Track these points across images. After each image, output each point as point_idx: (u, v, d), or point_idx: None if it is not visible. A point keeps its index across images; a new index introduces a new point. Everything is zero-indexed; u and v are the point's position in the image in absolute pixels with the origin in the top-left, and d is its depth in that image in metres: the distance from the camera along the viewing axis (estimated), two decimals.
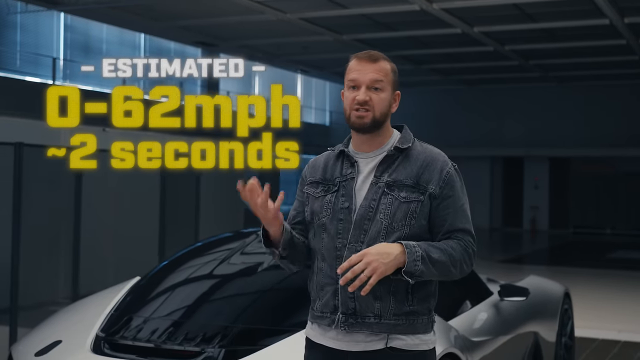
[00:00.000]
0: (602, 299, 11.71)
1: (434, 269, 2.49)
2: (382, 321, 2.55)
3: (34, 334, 4.04)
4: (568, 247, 21.80)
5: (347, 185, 2.64)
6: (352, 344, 2.58)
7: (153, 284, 4.31)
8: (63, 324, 4.10)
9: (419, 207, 2.57)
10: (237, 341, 3.54)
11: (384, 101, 2.62)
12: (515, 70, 23.36)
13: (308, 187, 2.74)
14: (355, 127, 2.63)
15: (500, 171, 28.28)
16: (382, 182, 2.60)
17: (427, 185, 2.58)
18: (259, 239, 4.63)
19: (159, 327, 3.73)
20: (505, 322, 4.99)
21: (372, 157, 2.66)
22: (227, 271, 4.30)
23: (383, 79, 2.62)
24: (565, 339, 6.21)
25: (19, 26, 17.22)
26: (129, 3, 15.74)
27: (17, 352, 3.83)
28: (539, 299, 5.74)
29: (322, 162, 2.76)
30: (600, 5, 14.54)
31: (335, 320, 2.58)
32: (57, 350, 3.73)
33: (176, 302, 4.05)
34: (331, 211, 2.63)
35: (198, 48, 21.71)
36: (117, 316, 3.93)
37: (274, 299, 4.05)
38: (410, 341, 2.58)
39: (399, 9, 15.25)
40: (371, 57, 2.64)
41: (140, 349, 3.60)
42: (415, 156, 2.64)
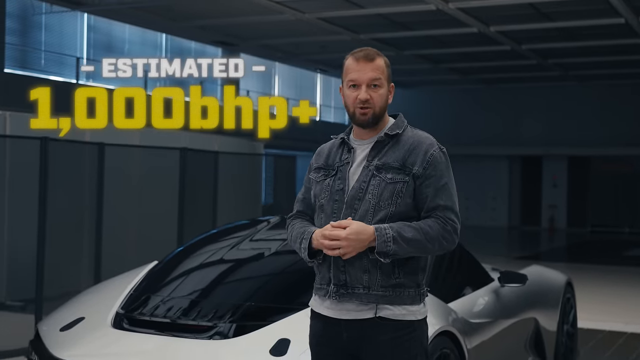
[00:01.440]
0: (613, 294, 11.88)
1: (409, 247, 2.75)
2: (370, 292, 2.80)
3: (58, 312, 4.34)
4: (585, 245, 21.90)
5: (343, 169, 2.91)
6: (344, 312, 2.84)
7: (169, 266, 4.60)
8: (86, 302, 4.40)
9: (404, 187, 2.82)
10: (247, 317, 3.82)
11: (382, 97, 2.89)
12: (535, 69, 23.48)
13: (313, 173, 3.02)
14: (358, 123, 2.90)
15: (518, 170, 28.40)
16: (372, 165, 2.87)
17: (412, 166, 2.84)
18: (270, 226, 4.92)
19: (175, 305, 4.01)
20: (505, 307, 5.22)
21: (368, 144, 2.92)
22: (239, 255, 4.57)
23: (381, 77, 2.88)
24: (568, 327, 6.41)
25: (43, 26, 17.62)
26: (150, 4, 16.09)
27: (43, 328, 4.13)
28: (539, 286, 5.95)
29: (327, 149, 3.04)
30: (615, 4, 14.67)
31: (329, 291, 2.85)
32: (80, 325, 4.03)
33: (191, 283, 4.33)
34: (328, 193, 2.90)
35: (218, 47, 22.05)
36: (136, 295, 4.22)
37: (282, 281, 4.32)
38: (397, 311, 2.82)
39: (415, 8, 15.49)
40: (368, 57, 2.89)
41: (157, 324, 3.89)
42: (404, 141, 2.90)
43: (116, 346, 3.80)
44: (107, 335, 3.90)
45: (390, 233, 2.73)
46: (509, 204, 28.13)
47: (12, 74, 16.36)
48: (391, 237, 2.72)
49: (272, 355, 3.50)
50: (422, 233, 2.77)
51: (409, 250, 2.75)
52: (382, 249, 2.71)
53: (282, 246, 4.54)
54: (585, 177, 27.28)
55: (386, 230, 2.73)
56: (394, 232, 2.73)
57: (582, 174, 27.31)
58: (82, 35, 18.71)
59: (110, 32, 19.55)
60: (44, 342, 3.94)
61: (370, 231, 2.72)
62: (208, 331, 3.74)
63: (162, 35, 20.89)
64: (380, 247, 2.71)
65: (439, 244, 2.80)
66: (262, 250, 4.60)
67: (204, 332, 3.75)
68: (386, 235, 2.72)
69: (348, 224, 2.71)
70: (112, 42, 19.64)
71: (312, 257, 2.85)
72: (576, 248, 21.22)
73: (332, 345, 2.88)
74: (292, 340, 3.55)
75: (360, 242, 2.70)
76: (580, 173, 27.32)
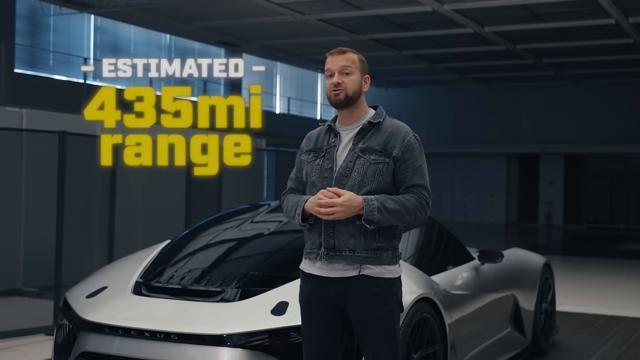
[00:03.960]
0: (601, 282, 12.40)
1: (390, 216, 3.30)
2: (355, 254, 3.35)
3: (83, 283, 4.88)
4: (580, 240, 22.41)
5: (330, 151, 3.46)
6: (332, 271, 3.38)
7: (180, 243, 5.16)
8: (108, 274, 4.95)
9: (385, 167, 3.37)
10: (251, 284, 4.37)
11: (354, 82, 3.43)
12: (530, 69, 23.97)
13: (304, 155, 3.56)
14: (333, 104, 3.46)
15: (516, 168, 28.89)
16: (357, 148, 3.42)
17: (392, 150, 3.39)
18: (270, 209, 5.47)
19: (187, 274, 4.57)
20: (484, 283, 5.75)
21: (351, 130, 3.47)
22: (243, 234, 5.13)
23: (351, 65, 3.44)
24: (546, 305, 6.94)
25: (52, 28, 18.16)
26: (155, 5, 16.63)
27: (71, 296, 4.66)
28: (518, 266, 6.51)
29: (315, 134, 3.60)
30: (604, 5, 15.17)
31: (320, 254, 3.39)
32: (104, 293, 4.57)
33: (200, 256, 4.89)
34: (319, 171, 3.45)
35: (221, 48, 22.59)
36: (153, 267, 4.77)
37: (281, 254, 4.87)
38: (378, 270, 3.37)
39: (411, 9, 16.01)
40: (340, 51, 3.49)
41: (172, 290, 4.45)
42: (384, 129, 3.45)
43: (136, 309, 4.35)
44: (128, 300, 4.45)
45: (376, 204, 3.27)
46: (506, 201, 28.61)
47: (22, 74, 16.92)
48: (376, 207, 3.26)
49: (273, 315, 4.04)
50: (402, 205, 3.31)
51: (390, 219, 3.30)
52: (369, 217, 3.25)
53: (281, 226, 5.12)
54: (580, 175, 27.79)
55: (372, 201, 3.27)
56: (379, 203, 3.27)
57: (578, 171, 27.82)
58: (88, 36, 19.25)
59: (116, 33, 20.08)
60: (72, 308, 4.48)
61: (359, 200, 3.25)
62: (216, 296, 4.29)
63: (166, 36, 21.44)
64: (367, 215, 3.24)
65: (414, 216, 3.35)
66: (264, 229, 5.16)
67: (213, 296, 4.29)
68: (372, 205, 3.26)
69: (343, 192, 3.25)
70: (118, 42, 20.17)
71: (305, 221, 3.38)
72: (570, 242, 21.73)
73: (321, 300, 3.42)
74: (290, 302, 4.09)
75: (351, 208, 3.23)
76: (575, 171, 27.83)
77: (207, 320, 4.09)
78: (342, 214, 3.24)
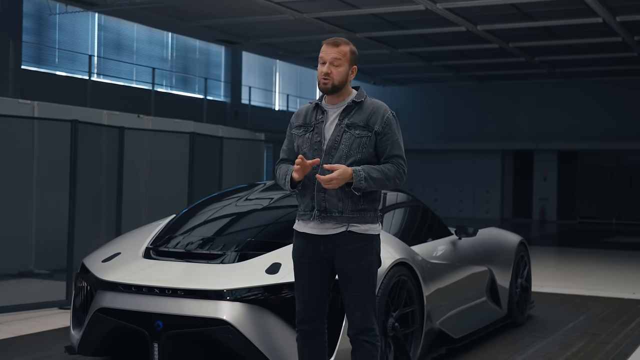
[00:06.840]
0: (584, 268, 12.95)
1: (374, 184, 3.89)
2: (343, 215, 3.93)
3: (99, 251, 5.46)
4: (572, 233, 22.95)
5: (319, 126, 4.03)
6: (323, 229, 3.96)
7: (185, 216, 5.76)
8: (121, 242, 5.53)
9: (368, 140, 3.95)
10: (248, 249, 4.96)
11: (341, 73, 3.99)
12: (523, 66, 24.46)
13: (295, 130, 4.12)
14: (321, 90, 4.03)
15: (510, 164, 29.40)
16: (343, 124, 3.99)
17: (374, 125, 3.97)
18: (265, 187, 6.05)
19: (191, 241, 5.17)
20: (461, 255, 6.33)
21: (337, 108, 4.05)
22: (241, 208, 5.72)
23: (341, 58, 3.99)
24: (522, 281, 7.52)
25: (57, 26, 18.71)
26: (158, 4, 17.18)
27: (88, 261, 5.25)
28: (494, 243, 7.09)
29: (304, 111, 4.16)
30: (591, 4, 15.67)
31: (313, 215, 3.96)
32: (118, 258, 5.16)
33: (203, 226, 5.48)
34: (309, 144, 4.02)
35: (222, 46, 23.17)
36: (161, 236, 5.37)
37: (275, 225, 5.46)
38: (362, 227, 3.95)
39: (405, 8, 16.54)
40: (334, 43, 4.03)
41: (178, 254, 5.05)
42: (366, 107, 4.03)
43: (147, 270, 4.93)
44: (140, 263, 5.04)
45: (363, 174, 3.85)
46: (501, 197, 29.13)
47: (29, 70, 17.48)
48: (363, 176, 3.84)
49: (267, 274, 4.63)
50: (384, 174, 3.90)
51: (374, 186, 3.89)
52: (357, 185, 3.83)
53: (275, 201, 5.72)
54: (573, 171, 28.33)
55: (360, 172, 3.85)
56: (365, 173, 3.86)
57: (571, 167, 28.35)
58: (93, 34, 19.78)
59: (120, 31, 20.62)
60: (90, 270, 5.06)
61: (349, 171, 3.82)
62: (217, 258, 4.89)
63: (168, 34, 22.00)
64: (356, 184, 3.82)
65: (394, 182, 3.95)
66: (259, 204, 5.76)
67: (215, 259, 4.89)
68: (360, 175, 3.84)
69: (337, 167, 3.80)
70: (122, 40, 20.72)
71: (294, 187, 3.96)
72: (562, 235, 22.27)
73: (312, 255, 4.00)
74: (282, 263, 4.68)
75: (345, 179, 3.81)
76: (569, 167, 28.36)
77: (209, 278, 4.68)
78: (338, 184, 3.80)
